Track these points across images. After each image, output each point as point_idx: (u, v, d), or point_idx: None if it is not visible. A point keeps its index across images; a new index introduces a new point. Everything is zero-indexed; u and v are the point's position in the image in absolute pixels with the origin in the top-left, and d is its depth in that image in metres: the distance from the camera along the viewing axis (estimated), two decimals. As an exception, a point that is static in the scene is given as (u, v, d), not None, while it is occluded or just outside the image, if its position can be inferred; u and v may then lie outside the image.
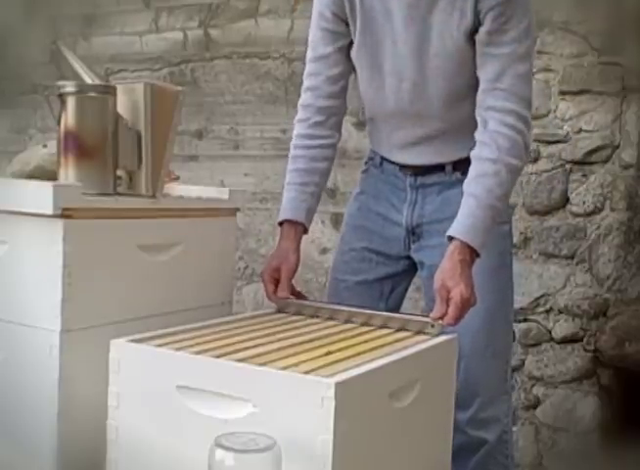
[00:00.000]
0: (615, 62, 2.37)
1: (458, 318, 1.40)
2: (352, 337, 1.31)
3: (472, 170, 1.50)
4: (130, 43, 3.22)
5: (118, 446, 1.17)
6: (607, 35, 2.37)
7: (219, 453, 0.94)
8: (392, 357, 1.18)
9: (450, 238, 1.46)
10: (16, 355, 1.26)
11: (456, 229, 1.46)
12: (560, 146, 2.43)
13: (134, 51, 3.22)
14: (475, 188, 1.48)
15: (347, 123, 2.69)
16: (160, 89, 1.38)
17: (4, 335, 1.27)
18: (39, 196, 1.20)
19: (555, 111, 2.45)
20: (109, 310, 1.29)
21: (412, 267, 1.70)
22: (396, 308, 1.71)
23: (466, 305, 1.41)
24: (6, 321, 1.27)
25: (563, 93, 2.43)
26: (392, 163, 1.67)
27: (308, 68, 1.65)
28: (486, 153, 1.48)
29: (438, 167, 1.62)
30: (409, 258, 1.68)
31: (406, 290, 1.76)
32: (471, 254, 1.45)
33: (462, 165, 1.56)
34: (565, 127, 2.43)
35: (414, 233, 1.65)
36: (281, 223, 1.61)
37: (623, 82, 2.36)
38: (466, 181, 1.50)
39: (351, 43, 1.59)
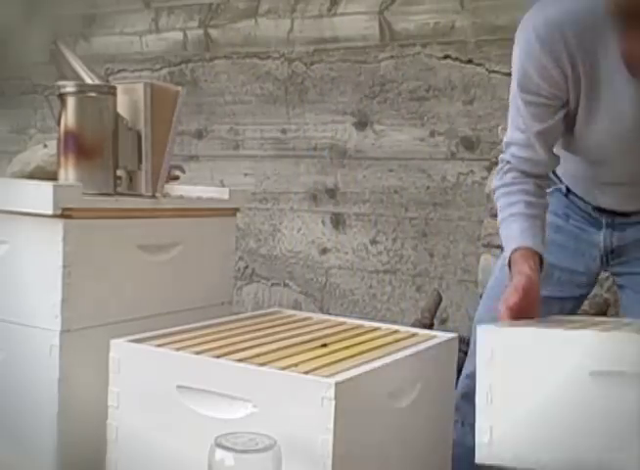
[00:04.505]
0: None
1: None
2: (352, 337, 1.31)
3: None
4: (130, 43, 3.22)
5: (118, 446, 1.17)
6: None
7: (219, 453, 0.94)
8: (392, 357, 1.18)
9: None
10: (16, 355, 1.26)
11: None
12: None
13: (134, 51, 3.22)
14: None
15: (347, 123, 2.69)
16: (160, 89, 1.38)
17: (4, 335, 1.27)
18: (39, 196, 1.20)
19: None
20: (109, 310, 1.29)
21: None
22: None
23: None
24: (6, 321, 1.27)
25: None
26: (584, 200, 1.49)
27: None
28: None
29: None
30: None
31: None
32: None
33: None
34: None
35: (612, 252, 1.49)
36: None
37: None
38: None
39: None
